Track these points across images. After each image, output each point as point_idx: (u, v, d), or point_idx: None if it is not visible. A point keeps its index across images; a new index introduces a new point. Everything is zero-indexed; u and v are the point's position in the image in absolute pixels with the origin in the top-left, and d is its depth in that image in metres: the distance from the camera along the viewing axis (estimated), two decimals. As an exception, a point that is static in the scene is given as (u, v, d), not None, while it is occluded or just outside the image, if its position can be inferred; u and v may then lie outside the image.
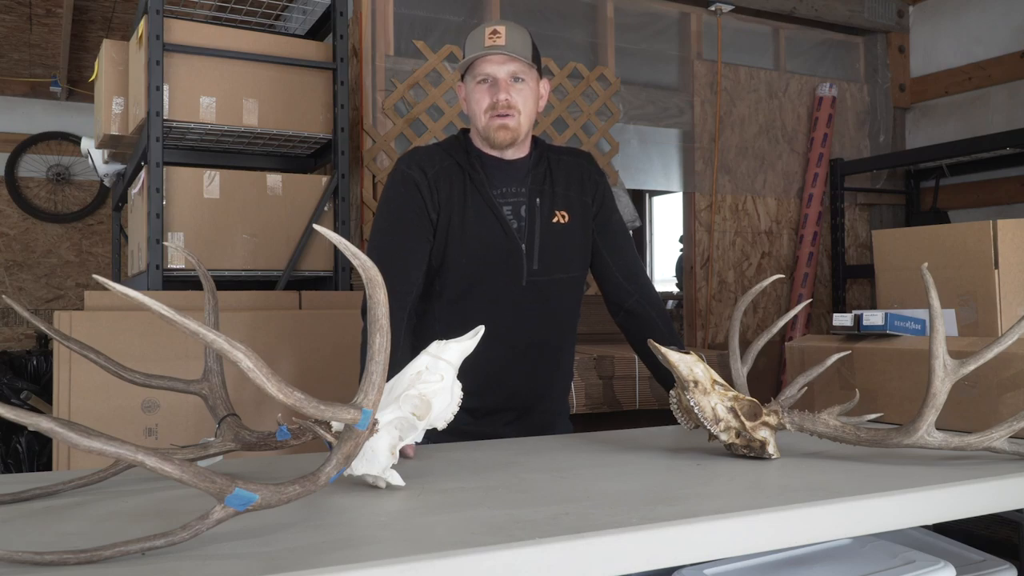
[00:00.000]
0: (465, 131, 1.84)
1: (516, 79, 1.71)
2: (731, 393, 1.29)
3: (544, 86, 1.80)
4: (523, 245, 1.73)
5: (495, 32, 1.69)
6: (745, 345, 1.47)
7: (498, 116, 1.70)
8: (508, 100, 1.69)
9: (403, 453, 1.40)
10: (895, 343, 1.75)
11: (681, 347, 1.61)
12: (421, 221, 1.70)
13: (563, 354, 1.85)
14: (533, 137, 1.85)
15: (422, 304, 1.76)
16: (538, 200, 1.76)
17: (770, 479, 1.17)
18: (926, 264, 1.25)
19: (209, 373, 1.17)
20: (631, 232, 2.17)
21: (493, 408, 1.76)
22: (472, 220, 1.72)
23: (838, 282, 4.29)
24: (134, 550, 0.79)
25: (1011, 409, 1.45)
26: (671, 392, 1.35)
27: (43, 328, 1.10)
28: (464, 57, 1.75)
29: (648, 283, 1.88)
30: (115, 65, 3.10)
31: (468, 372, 1.69)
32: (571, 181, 1.82)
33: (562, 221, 1.77)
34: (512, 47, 1.68)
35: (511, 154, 1.78)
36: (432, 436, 1.70)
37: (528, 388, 1.79)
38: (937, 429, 1.22)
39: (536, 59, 1.75)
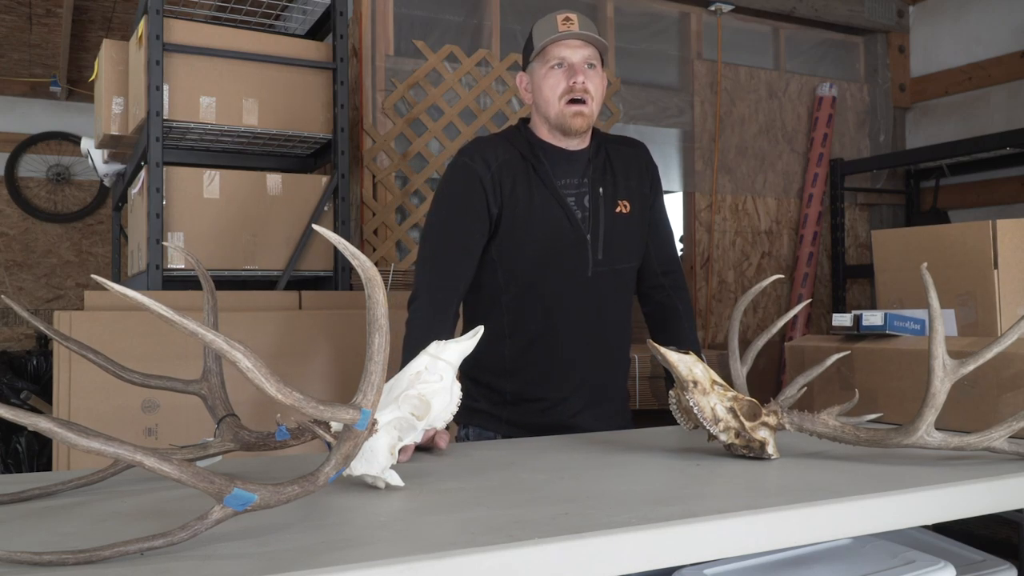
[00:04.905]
0: (524, 121, 1.83)
1: (590, 65, 1.71)
2: (730, 393, 1.29)
3: (605, 77, 1.80)
4: (588, 235, 1.73)
5: (568, 19, 1.69)
6: (745, 345, 1.47)
7: (574, 102, 1.69)
8: (585, 84, 1.69)
9: (436, 444, 1.38)
10: (895, 343, 1.75)
11: (696, 347, 1.63)
12: (479, 216, 1.69)
13: (625, 343, 1.86)
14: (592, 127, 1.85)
15: (489, 297, 1.76)
16: (601, 190, 1.75)
17: (770, 479, 1.17)
18: (926, 264, 1.25)
19: (208, 373, 1.17)
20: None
21: (561, 398, 1.76)
22: (539, 211, 1.71)
23: (838, 282, 4.29)
24: (133, 550, 0.79)
25: (1011, 409, 1.45)
26: (671, 392, 1.35)
27: (43, 328, 1.10)
28: (531, 43, 1.73)
29: (682, 280, 1.91)
30: (115, 65, 3.10)
31: (534, 363, 1.74)
32: (631, 171, 1.82)
33: (624, 211, 1.78)
34: (588, 33, 1.69)
35: (573, 144, 1.77)
36: (499, 428, 1.74)
37: (595, 377, 1.79)
38: (937, 429, 1.22)
39: (603, 50, 1.76)
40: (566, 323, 1.73)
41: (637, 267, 1.84)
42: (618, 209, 1.77)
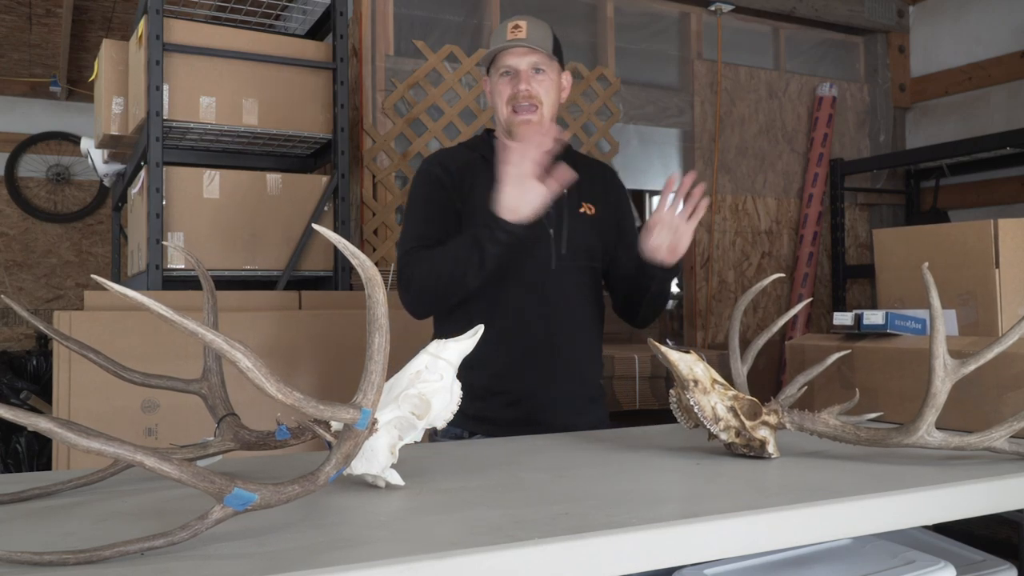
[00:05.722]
0: (489, 131, 1.89)
1: (537, 70, 1.76)
2: (731, 392, 1.29)
3: (566, 79, 1.85)
4: (551, 230, 1.77)
5: (517, 26, 1.74)
6: (745, 344, 1.47)
7: (520, 111, 1.75)
8: (529, 90, 1.74)
9: None
10: (895, 342, 1.75)
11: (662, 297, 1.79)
12: (445, 213, 1.76)
13: (594, 338, 1.88)
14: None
15: None
16: (566, 191, 1.79)
17: (770, 479, 1.17)
18: (927, 264, 1.25)
19: (208, 373, 1.17)
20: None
21: (525, 392, 1.77)
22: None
23: (838, 282, 4.29)
24: (134, 550, 0.78)
25: (1012, 409, 1.45)
26: (671, 391, 1.35)
27: (43, 328, 1.10)
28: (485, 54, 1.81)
29: None
30: (115, 65, 3.10)
31: (502, 357, 1.75)
32: (596, 182, 1.89)
33: (589, 212, 1.83)
34: (533, 39, 1.73)
35: None
36: (465, 424, 1.74)
37: (561, 373, 1.79)
38: (937, 429, 1.22)
39: (558, 52, 1.80)
40: (532, 317, 1.75)
41: (600, 270, 1.88)
42: (582, 209, 1.82)
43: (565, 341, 1.79)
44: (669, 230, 1.68)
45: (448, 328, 1.68)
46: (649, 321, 1.93)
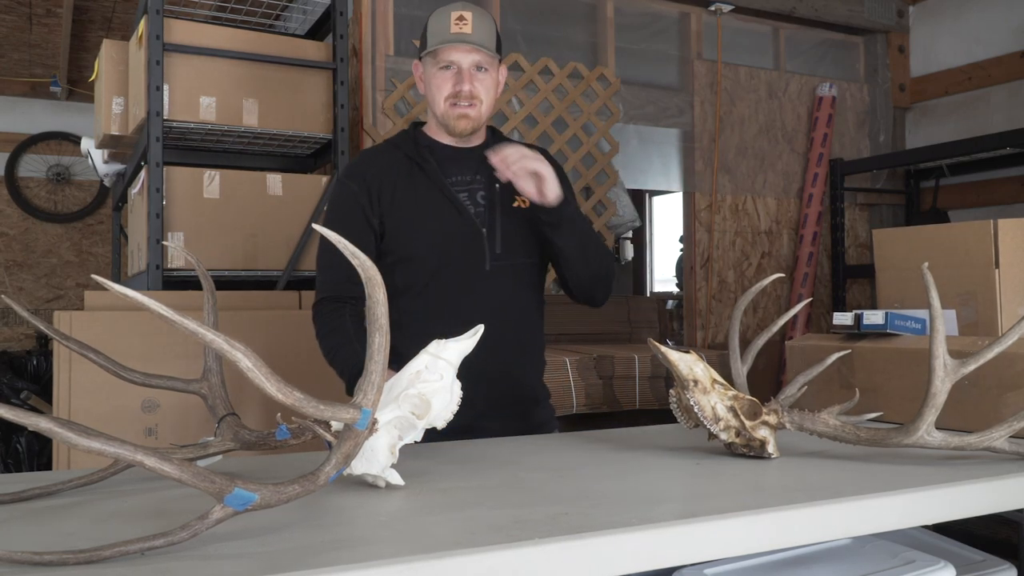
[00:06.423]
0: (416, 124, 1.84)
1: (480, 68, 1.71)
2: (731, 392, 1.29)
3: (502, 73, 1.80)
4: (484, 229, 1.72)
5: (461, 18, 1.67)
6: (745, 344, 1.47)
7: (459, 106, 1.70)
8: (472, 91, 1.69)
9: None
10: (895, 342, 1.75)
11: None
12: (361, 232, 1.71)
13: (534, 339, 1.83)
14: (488, 126, 1.85)
15: (390, 300, 1.74)
16: (498, 186, 1.74)
17: (770, 479, 1.17)
18: (927, 263, 1.25)
19: (208, 372, 1.17)
20: (631, 232, 2.18)
21: (463, 400, 1.71)
22: (425, 209, 1.72)
23: (838, 282, 4.29)
24: (134, 550, 0.79)
25: (1012, 409, 1.45)
26: (671, 391, 1.35)
27: (43, 328, 1.10)
28: (426, 34, 1.73)
29: None
30: (115, 65, 3.10)
31: None
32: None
33: (523, 206, 1.76)
34: (479, 37, 1.68)
35: (466, 141, 1.78)
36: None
37: (499, 377, 1.73)
38: (937, 429, 1.22)
39: (499, 47, 1.75)
40: (466, 322, 1.68)
41: (539, 265, 1.82)
42: (515, 203, 1.75)
43: (502, 345, 1.69)
44: (518, 174, 1.58)
45: (392, 343, 1.65)
46: (597, 293, 1.81)
